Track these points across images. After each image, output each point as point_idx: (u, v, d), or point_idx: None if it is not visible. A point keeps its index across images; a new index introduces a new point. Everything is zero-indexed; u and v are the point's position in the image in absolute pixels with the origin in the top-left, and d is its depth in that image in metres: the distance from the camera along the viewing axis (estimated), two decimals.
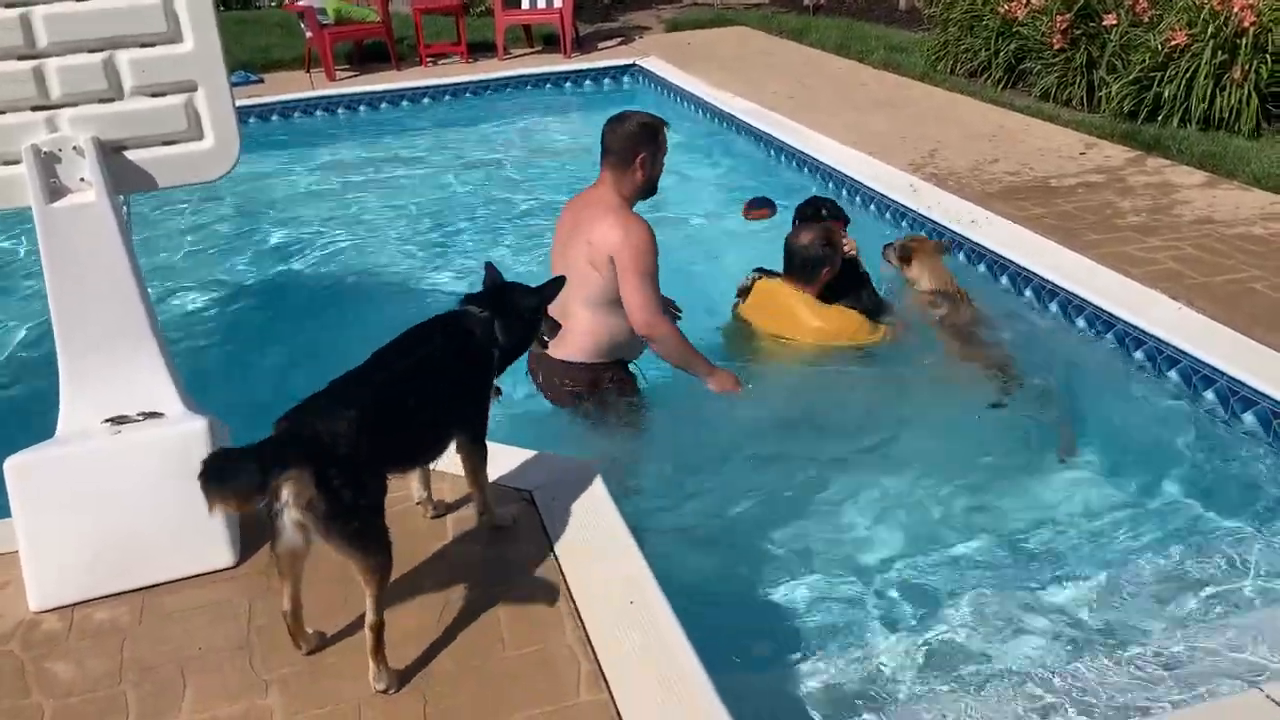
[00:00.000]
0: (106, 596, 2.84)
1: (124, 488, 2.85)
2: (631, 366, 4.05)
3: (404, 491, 3.07)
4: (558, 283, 3.06)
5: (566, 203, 4.06)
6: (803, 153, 7.08)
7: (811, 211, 4.65)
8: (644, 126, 3.81)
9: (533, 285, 3.04)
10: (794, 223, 4.66)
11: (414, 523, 3.07)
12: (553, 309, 3.22)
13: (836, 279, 4.36)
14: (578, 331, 3.72)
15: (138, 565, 2.88)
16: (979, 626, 3.03)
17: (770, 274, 4.48)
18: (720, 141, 8.23)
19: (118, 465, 2.84)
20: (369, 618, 2.43)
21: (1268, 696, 2.40)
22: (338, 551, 2.37)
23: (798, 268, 4.33)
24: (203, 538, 2.90)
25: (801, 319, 4.31)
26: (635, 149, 3.77)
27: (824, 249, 4.28)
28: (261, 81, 10.15)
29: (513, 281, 3.07)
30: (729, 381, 3.92)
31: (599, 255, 3.68)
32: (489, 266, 3.10)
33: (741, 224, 5.34)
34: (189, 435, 2.86)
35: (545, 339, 3.09)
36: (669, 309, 4.02)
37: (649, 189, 3.87)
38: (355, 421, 2.38)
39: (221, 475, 2.21)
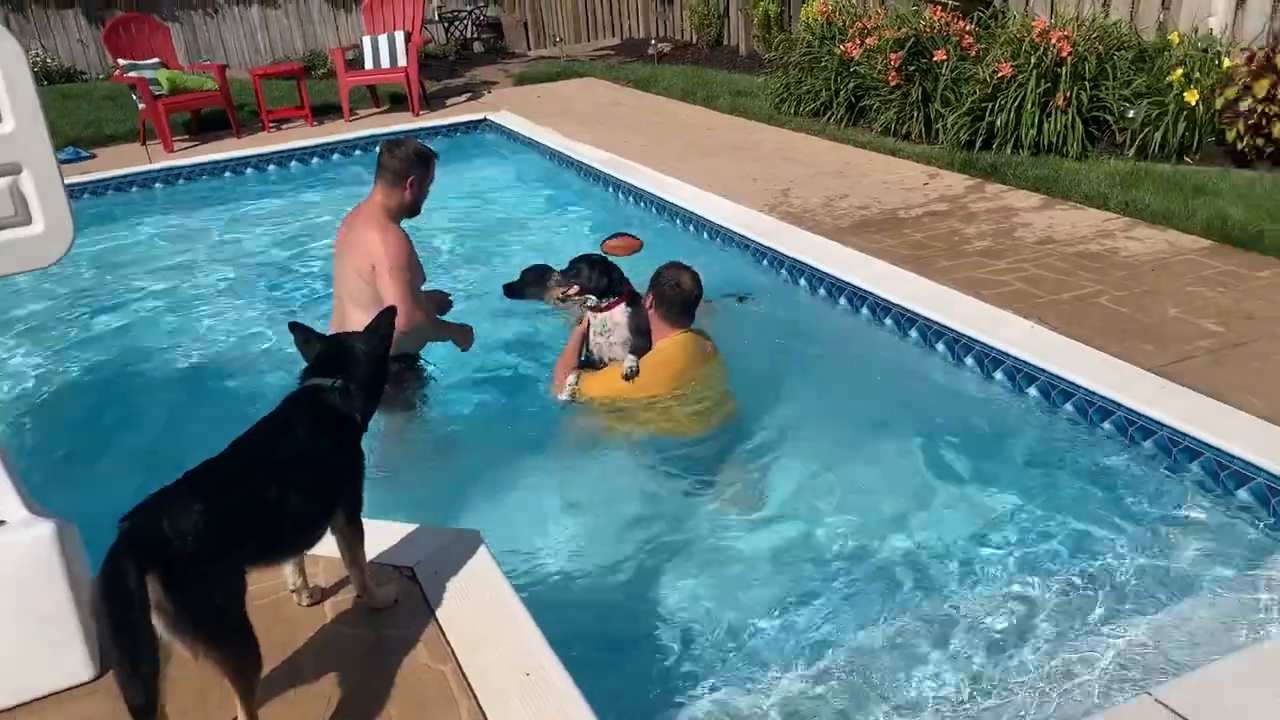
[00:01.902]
0: None
1: None
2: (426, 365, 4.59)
3: (276, 581, 2.90)
4: (388, 314, 2.95)
5: (344, 218, 4.50)
6: (661, 198, 7.15)
7: (605, 274, 4.43)
8: (419, 154, 4.31)
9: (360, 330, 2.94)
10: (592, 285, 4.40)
11: (288, 611, 2.90)
12: (334, 315, 4.04)
13: None
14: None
15: None
16: (867, 652, 3.04)
17: (591, 367, 4.42)
18: (577, 191, 8.24)
19: None
20: None
21: (1157, 700, 2.46)
22: (195, 655, 2.21)
23: (691, 310, 4.26)
24: (57, 650, 2.68)
25: (713, 357, 4.33)
26: (408, 172, 4.26)
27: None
28: (94, 157, 9.71)
29: (343, 334, 2.94)
30: (471, 335, 4.54)
31: (364, 264, 4.18)
32: (295, 327, 2.89)
33: None
34: (35, 542, 2.64)
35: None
36: (443, 301, 4.69)
37: (413, 209, 4.37)
38: (204, 515, 2.23)
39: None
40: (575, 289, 4.40)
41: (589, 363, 4.50)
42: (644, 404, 4.23)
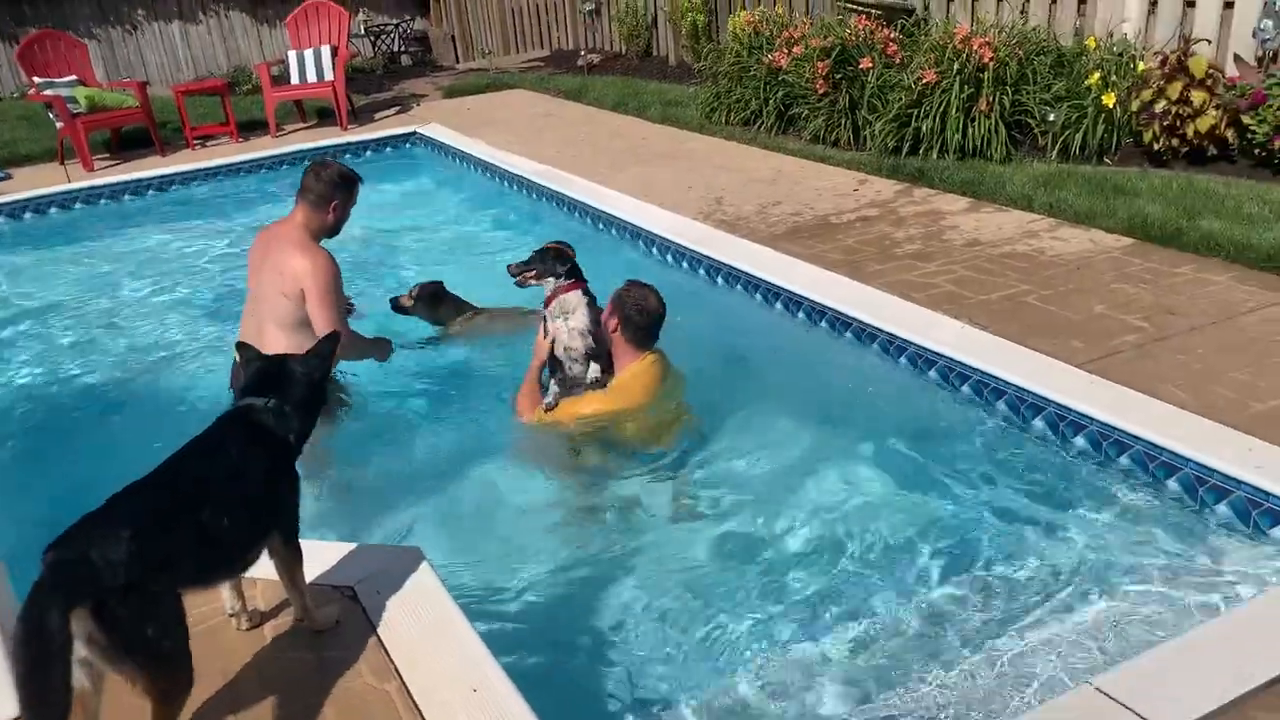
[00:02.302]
0: None
1: None
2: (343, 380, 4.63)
3: (214, 605, 2.84)
4: (331, 340, 2.93)
5: (259, 232, 4.54)
6: (596, 208, 7.15)
7: (561, 259, 4.31)
8: (344, 178, 4.35)
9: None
10: (571, 282, 4.24)
11: (228, 637, 2.84)
12: (247, 332, 4.18)
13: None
14: (272, 350, 4.14)
15: None
16: (809, 655, 3.05)
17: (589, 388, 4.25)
18: (510, 203, 8.21)
19: None
20: None
21: (1097, 689, 2.51)
22: (132, 683, 2.17)
23: (657, 331, 4.19)
24: None
25: (673, 373, 4.30)
26: (332, 195, 4.30)
27: None
28: (9, 178, 9.45)
29: (282, 356, 2.91)
30: (389, 347, 4.65)
31: (289, 285, 4.19)
32: (241, 346, 2.90)
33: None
34: None
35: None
36: (346, 304, 4.58)
37: (334, 230, 4.41)
38: (134, 541, 2.17)
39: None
40: (533, 273, 4.28)
41: (555, 368, 4.33)
42: (610, 420, 4.18)
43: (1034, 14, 8.14)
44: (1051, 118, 7.01)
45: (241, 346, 2.90)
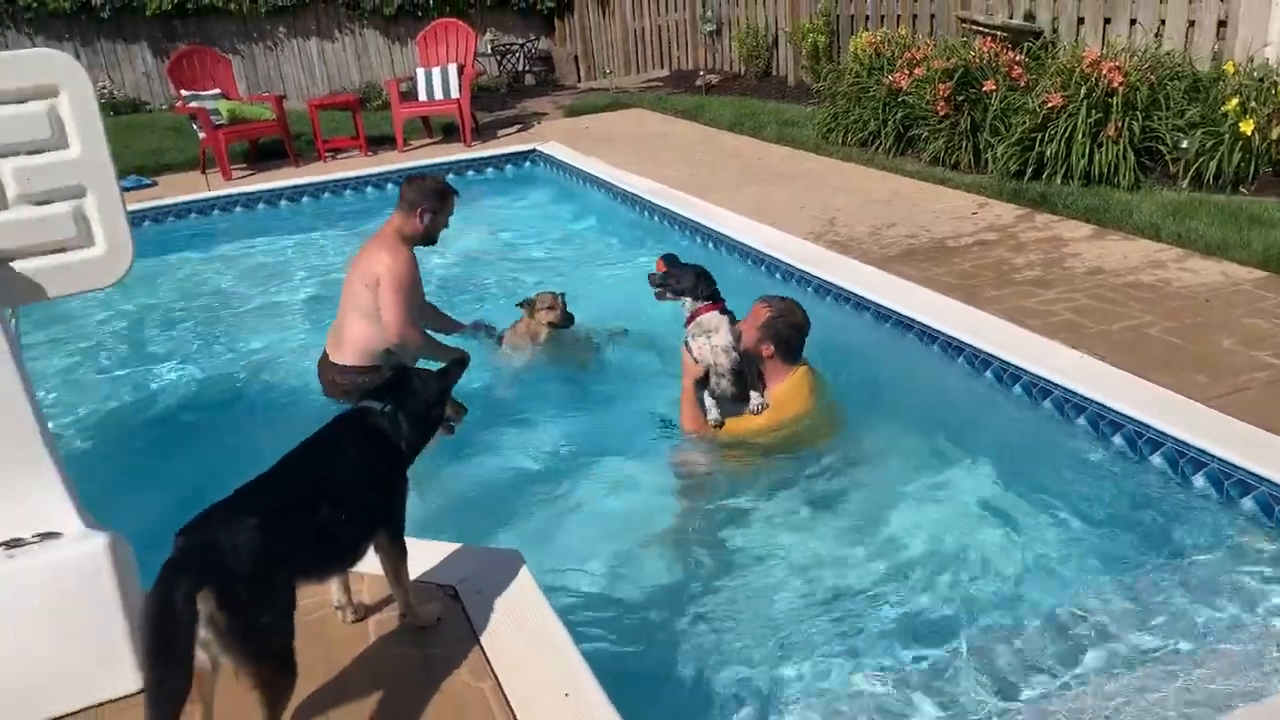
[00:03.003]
0: None
1: (19, 614, 2.67)
2: None
3: (322, 597, 2.95)
4: (461, 363, 3.03)
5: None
6: (708, 228, 7.18)
7: (698, 276, 4.31)
8: (436, 190, 4.75)
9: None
10: (713, 307, 4.23)
11: (333, 629, 2.94)
12: (337, 321, 4.54)
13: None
14: (352, 338, 4.63)
15: (37, 697, 2.69)
16: (904, 682, 3.00)
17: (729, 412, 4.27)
18: (626, 221, 8.30)
19: (12, 590, 2.67)
20: None
21: None
22: (237, 671, 2.26)
23: (802, 345, 4.28)
24: (106, 663, 2.74)
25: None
26: (421, 203, 4.69)
27: None
28: (155, 184, 9.98)
29: (411, 368, 3.01)
30: (465, 359, 4.67)
31: (370, 277, 4.59)
32: (388, 352, 3.06)
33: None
34: (89, 555, 2.71)
35: (452, 425, 3.02)
36: (486, 328, 5.21)
37: (427, 239, 4.78)
38: (258, 530, 2.28)
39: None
40: (672, 290, 4.30)
41: (702, 384, 4.29)
42: (778, 432, 4.23)
43: (1169, 38, 7.87)
44: (1184, 144, 6.77)
45: (385, 354, 3.06)
